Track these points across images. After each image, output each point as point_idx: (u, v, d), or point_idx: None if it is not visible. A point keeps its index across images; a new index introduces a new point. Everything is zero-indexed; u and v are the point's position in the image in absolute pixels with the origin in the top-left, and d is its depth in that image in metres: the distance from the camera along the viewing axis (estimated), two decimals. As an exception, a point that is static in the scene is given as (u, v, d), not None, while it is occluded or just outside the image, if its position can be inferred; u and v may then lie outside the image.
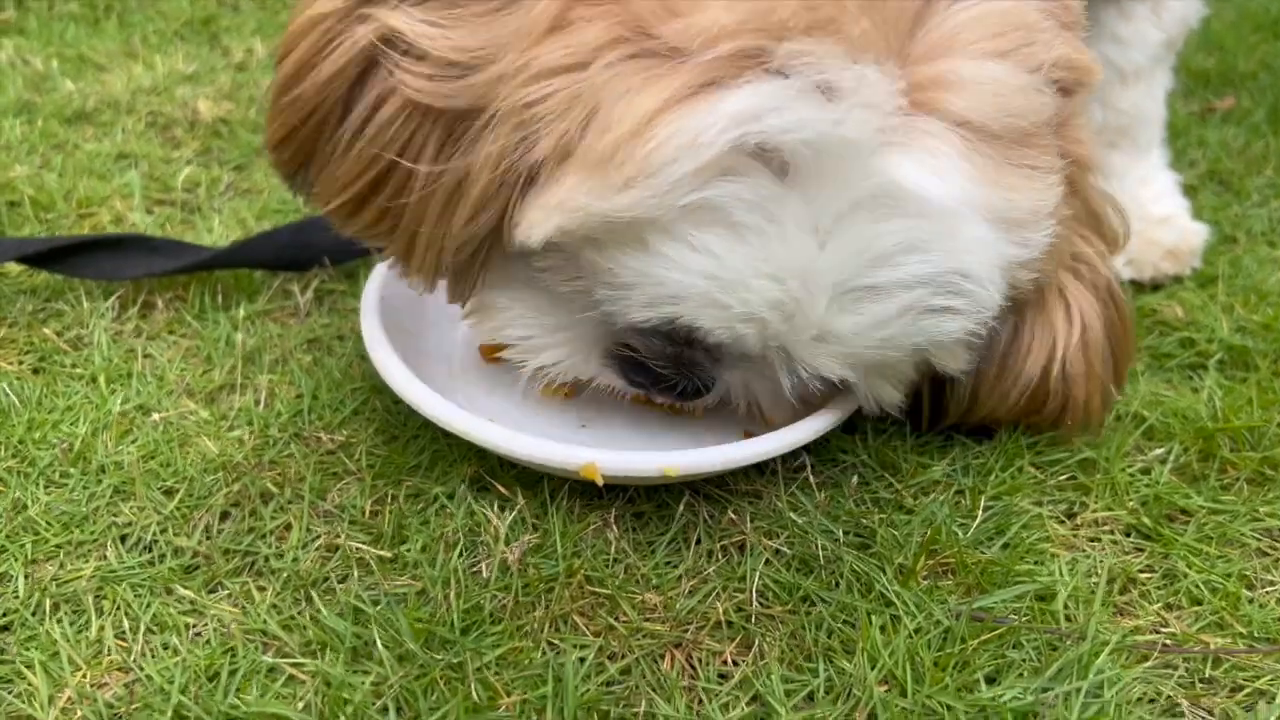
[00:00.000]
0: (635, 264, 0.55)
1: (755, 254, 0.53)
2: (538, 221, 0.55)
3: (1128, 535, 0.68)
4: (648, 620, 0.60)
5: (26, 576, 0.60)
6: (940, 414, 0.72)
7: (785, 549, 0.64)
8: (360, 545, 0.63)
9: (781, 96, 0.49)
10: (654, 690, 0.56)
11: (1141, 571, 0.65)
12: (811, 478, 0.69)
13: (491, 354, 0.76)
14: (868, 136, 0.51)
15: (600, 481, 0.61)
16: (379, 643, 0.56)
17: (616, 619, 0.60)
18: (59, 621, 0.58)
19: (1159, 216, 0.95)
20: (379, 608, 0.58)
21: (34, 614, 0.58)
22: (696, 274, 0.53)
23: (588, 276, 0.59)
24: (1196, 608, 0.63)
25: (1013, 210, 0.55)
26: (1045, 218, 0.57)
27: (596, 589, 0.61)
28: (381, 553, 0.63)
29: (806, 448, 0.68)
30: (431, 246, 0.60)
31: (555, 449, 0.61)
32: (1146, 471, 0.72)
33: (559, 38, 0.52)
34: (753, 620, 0.60)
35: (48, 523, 0.64)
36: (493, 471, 0.68)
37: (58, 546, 0.63)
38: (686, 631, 0.59)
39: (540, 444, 0.61)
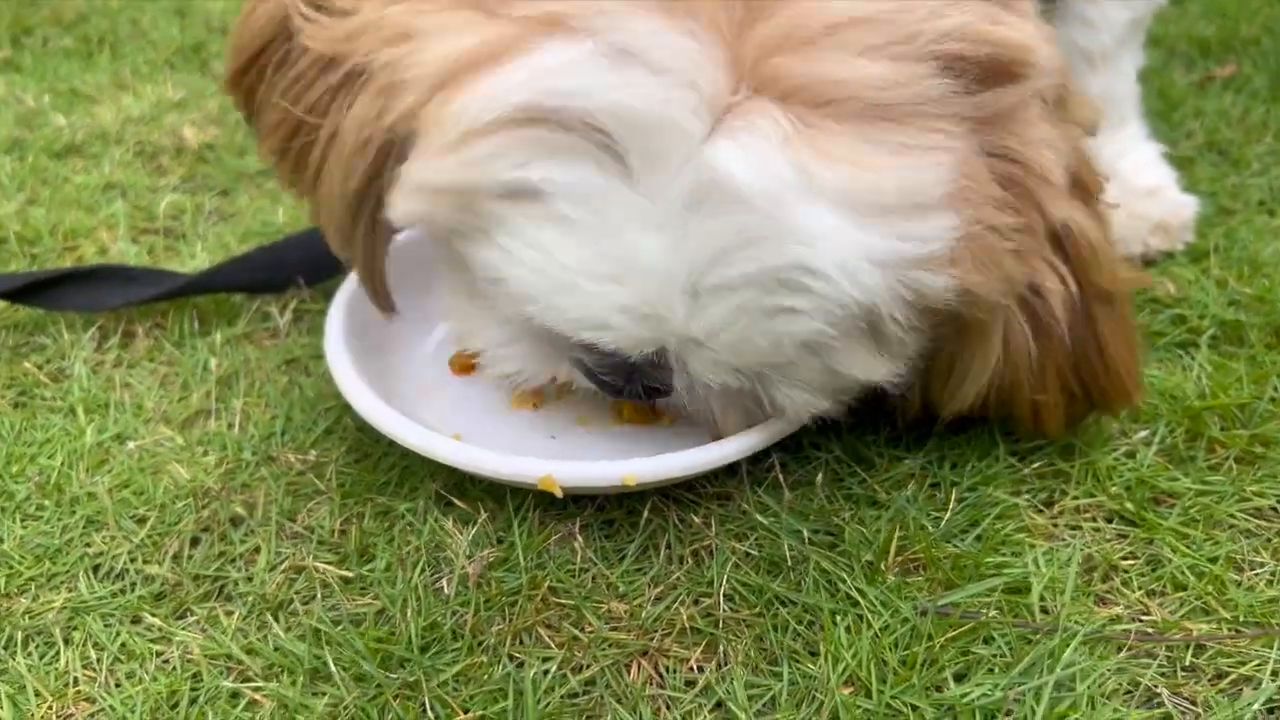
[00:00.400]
0: (485, 257, 0.53)
1: (588, 251, 0.49)
2: (396, 202, 0.53)
3: (1110, 522, 0.66)
4: (613, 629, 0.59)
5: (-1, 610, 0.61)
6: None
7: (753, 551, 0.63)
8: (325, 565, 0.63)
9: (578, 61, 0.46)
10: (618, 701, 0.56)
11: (1123, 559, 0.63)
12: (781, 476, 0.68)
13: (461, 368, 0.76)
14: (688, 119, 0.46)
15: (559, 493, 0.60)
16: (335, 664, 0.56)
17: (581, 629, 0.59)
18: (29, 655, 0.59)
19: (1144, 188, 0.92)
20: (338, 628, 0.58)
21: (4, 648, 0.59)
22: (535, 271, 0.50)
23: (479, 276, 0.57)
24: (1180, 594, 0.61)
25: (873, 194, 0.47)
26: (933, 204, 0.49)
27: (561, 600, 0.61)
28: (345, 573, 0.62)
29: (776, 445, 0.67)
30: (325, 208, 0.60)
31: (511, 462, 0.61)
32: (1131, 455, 0.71)
33: None
34: (719, 625, 0.59)
35: (21, 556, 0.64)
36: (459, 486, 0.68)
37: (30, 579, 0.63)
38: (652, 639, 0.59)
39: (495, 457, 0.61)
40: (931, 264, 0.50)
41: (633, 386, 0.60)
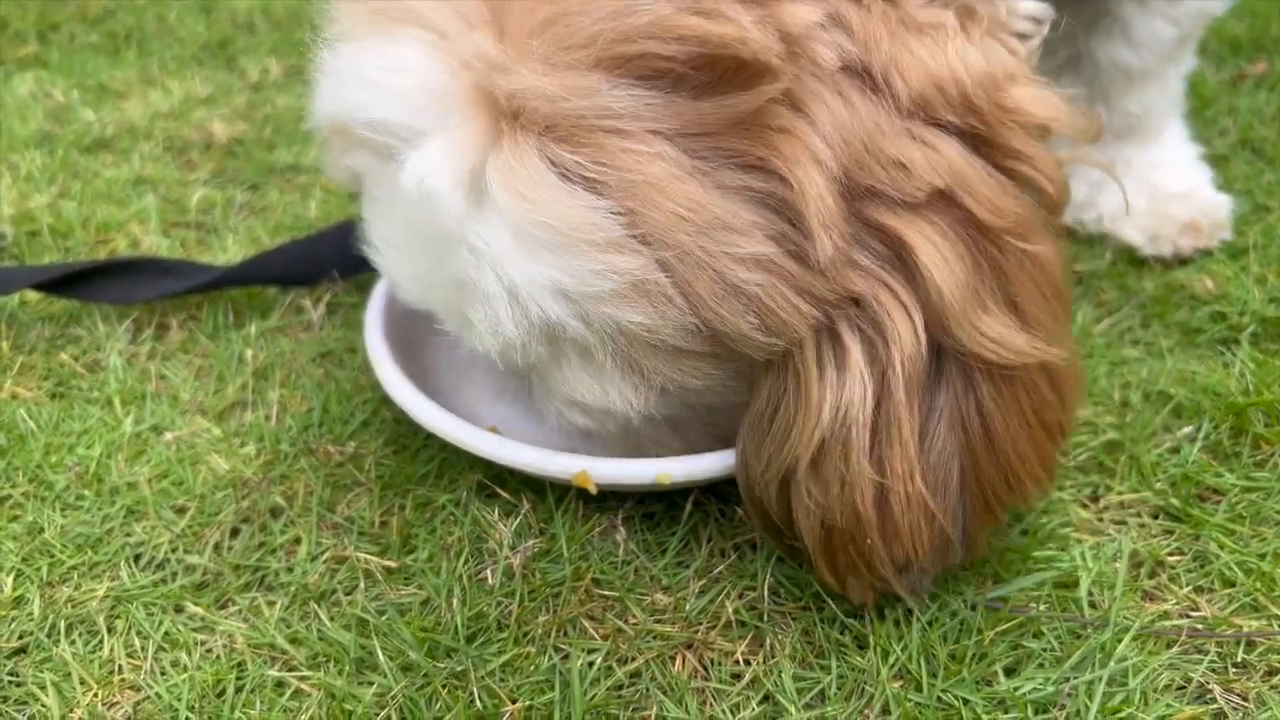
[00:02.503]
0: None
1: (381, 224, 0.55)
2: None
3: (1155, 517, 0.66)
4: (657, 622, 0.59)
5: (42, 598, 0.61)
6: None
7: (796, 544, 0.63)
8: (368, 556, 0.63)
9: (344, 80, 0.50)
10: (664, 693, 0.55)
11: (1170, 554, 0.63)
12: (823, 471, 0.67)
13: None
14: (411, 124, 0.47)
15: (594, 489, 0.60)
16: (382, 653, 0.56)
17: (625, 621, 0.59)
18: (72, 642, 0.59)
19: (1175, 192, 0.91)
20: (384, 618, 0.58)
21: (49, 635, 0.59)
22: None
23: None
24: (1229, 590, 0.60)
25: (540, 227, 0.45)
26: (609, 240, 0.45)
27: (604, 591, 0.61)
28: (388, 563, 0.62)
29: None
30: None
31: (548, 457, 0.60)
32: (1175, 451, 0.70)
33: None
34: (764, 618, 0.59)
35: (63, 545, 0.64)
36: (500, 478, 0.67)
37: (72, 568, 0.63)
38: (697, 632, 0.58)
39: (533, 452, 0.61)
40: (616, 301, 0.47)
41: None
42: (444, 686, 0.54)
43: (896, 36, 0.48)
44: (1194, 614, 0.59)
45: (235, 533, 0.66)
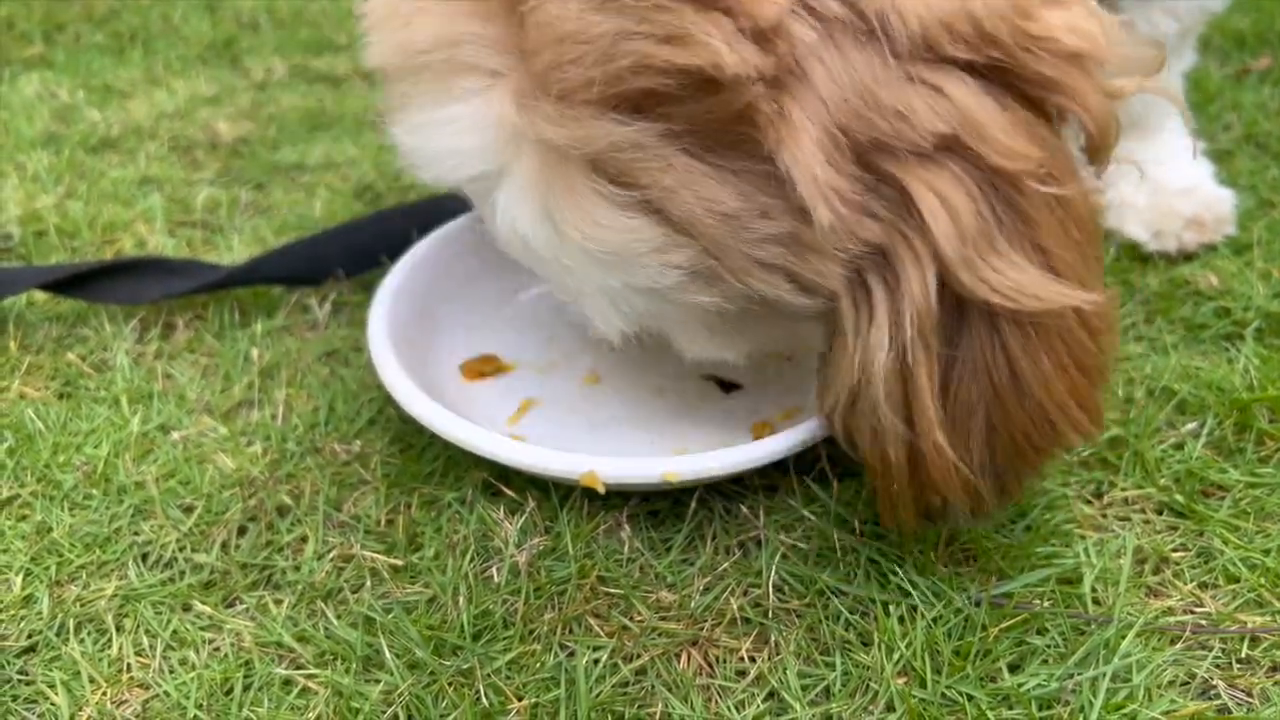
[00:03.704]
0: None
1: None
2: None
3: (1160, 514, 0.66)
4: (663, 619, 0.59)
5: (51, 597, 0.61)
6: None
7: (801, 543, 0.63)
8: (374, 554, 0.63)
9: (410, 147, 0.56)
10: (669, 690, 0.55)
11: (1174, 550, 0.63)
12: (828, 468, 0.67)
13: (474, 373, 0.76)
14: (479, 169, 0.53)
15: (602, 489, 0.60)
16: (389, 651, 0.56)
17: (631, 619, 0.59)
18: (81, 641, 0.59)
19: (1179, 188, 0.91)
20: (390, 616, 0.58)
21: (58, 634, 0.59)
22: None
23: None
24: (1233, 586, 0.61)
25: (604, 248, 0.51)
26: (656, 246, 0.50)
27: (610, 589, 0.61)
28: (394, 561, 0.63)
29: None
30: None
31: (555, 458, 0.60)
32: (1179, 447, 0.70)
33: None
34: (769, 615, 0.59)
35: (71, 544, 0.65)
36: (505, 476, 0.67)
37: (81, 567, 0.64)
38: (702, 629, 0.59)
39: (538, 453, 0.61)
40: (684, 288, 0.52)
41: None
42: (450, 684, 0.55)
43: None
44: (1198, 610, 0.59)
45: (242, 531, 0.66)
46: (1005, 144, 0.47)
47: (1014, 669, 0.55)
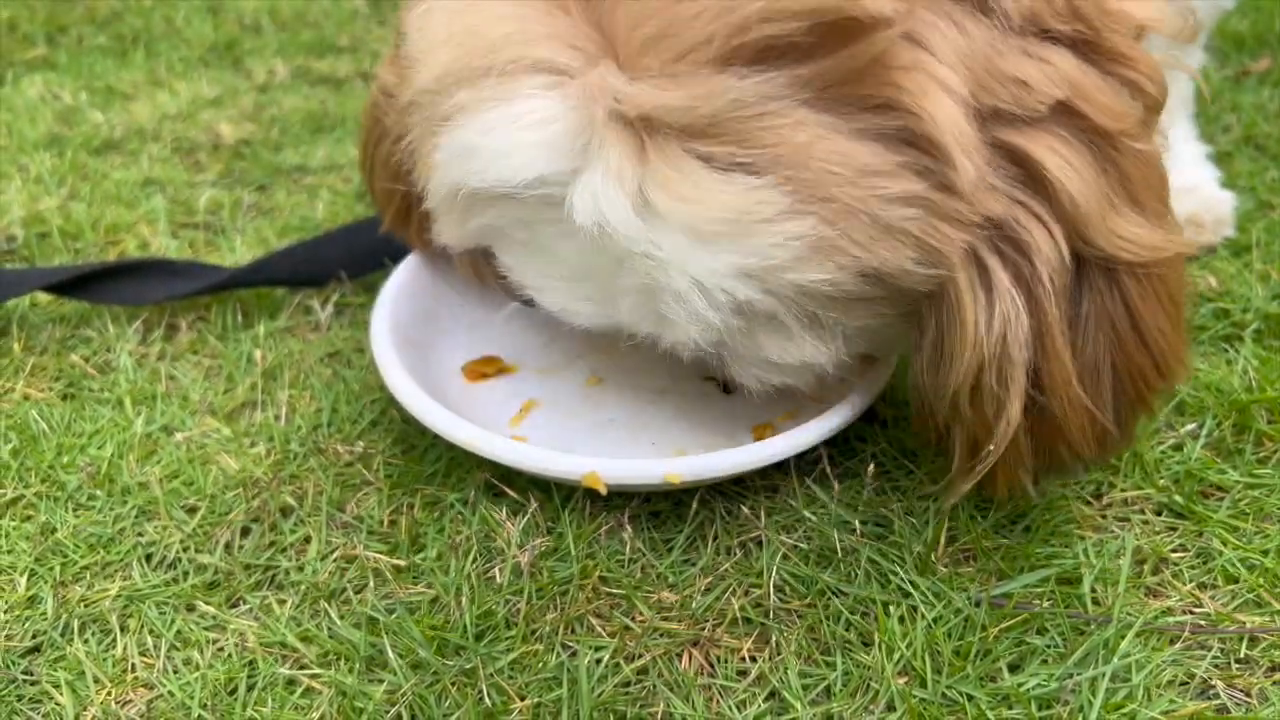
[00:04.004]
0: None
1: (543, 263, 0.59)
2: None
3: (1159, 514, 0.66)
4: (664, 619, 0.59)
5: (55, 598, 0.62)
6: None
7: (802, 543, 0.63)
8: (377, 555, 0.63)
9: (470, 148, 0.53)
10: (671, 690, 0.56)
11: (1173, 551, 0.63)
12: (829, 469, 0.68)
13: (476, 374, 0.76)
14: (553, 168, 0.50)
15: (604, 490, 0.61)
16: (392, 651, 0.57)
17: (632, 619, 0.59)
18: (86, 641, 0.59)
19: (1179, 186, 0.91)
20: (393, 616, 0.59)
21: (62, 634, 0.60)
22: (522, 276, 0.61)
23: None
24: (1232, 586, 0.61)
25: (707, 221, 0.48)
26: (772, 215, 0.48)
27: (611, 589, 0.61)
28: (397, 561, 0.63)
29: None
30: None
31: (557, 459, 0.61)
32: (1178, 448, 0.70)
33: None
34: (770, 615, 0.59)
35: (75, 545, 0.65)
36: (507, 477, 0.68)
37: (85, 568, 0.64)
38: (704, 629, 0.59)
39: (541, 454, 0.61)
40: (797, 265, 0.49)
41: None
42: (453, 684, 0.55)
43: None
44: (1197, 610, 0.60)
45: (246, 532, 0.66)
46: (1109, 106, 0.50)
47: (1014, 669, 0.56)
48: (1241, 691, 0.55)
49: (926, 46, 0.47)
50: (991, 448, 0.56)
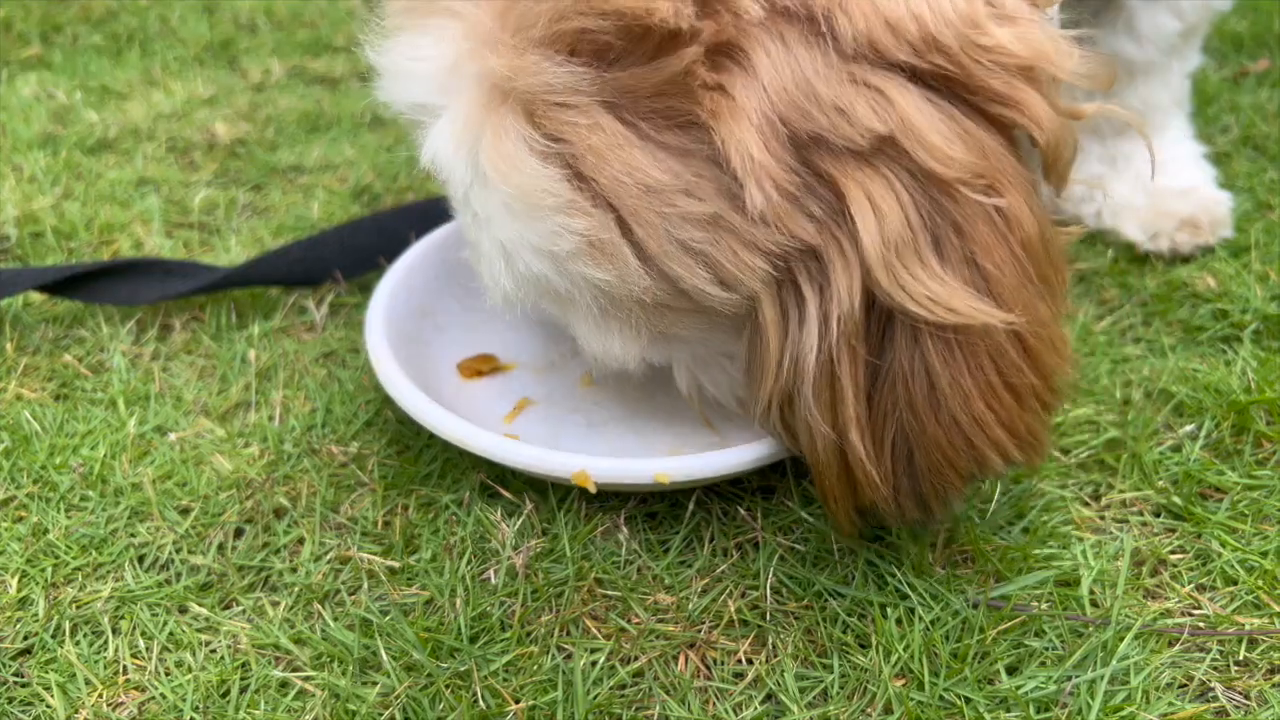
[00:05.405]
0: None
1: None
2: None
3: (1157, 516, 0.66)
4: (660, 621, 0.59)
5: (47, 599, 0.61)
6: None
7: (799, 545, 0.63)
8: (371, 556, 0.63)
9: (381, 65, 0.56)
10: (667, 692, 0.55)
11: (1172, 553, 0.63)
12: (825, 470, 0.67)
13: (470, 373, 0.76)
14: (429, 99, 0.53)
15: (593, 489, 0.60)
16: (386, 653, 0.56)
17: (628, 621, 0.59)
18: (77, 643, 0.59)
19: (1175, 189, 0.91)
20: (387, 618, 0.58)
21: (54, 636, 0.59)
22: None
23: None
24: (1231, 588, 0.61)
25: (516, 194, 0.50)
26: (563, 204, 0.49)
27: (607, 591, 0.61)
28: (391, 563, 0.62)
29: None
30: None
31: (546, 456, 0.60)
32: (1177, 449, 0.70)
33: None
34: (767, 617, 0.59)
35: (67, 546, 0.65)
36: (502, 478, 0.67)
37: (77, 569, 0.63)
38: (700, 631, 0.58)
39: (531, 452, 0.61)
40: (579, 258, 0.50)
41: None
42: (447, 686, 0.55)
43: None
44: (1196, 612, 0.59)
45: (239, 533, 0.66)
46: (941, 150, 0.47)
47: (1012, 671, 0.55)
48: (1240, 694, 0.55)
49: (742, 66, 0.47)
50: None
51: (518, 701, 0.54)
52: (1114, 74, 0.54)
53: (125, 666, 0.57)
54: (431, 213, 0.85)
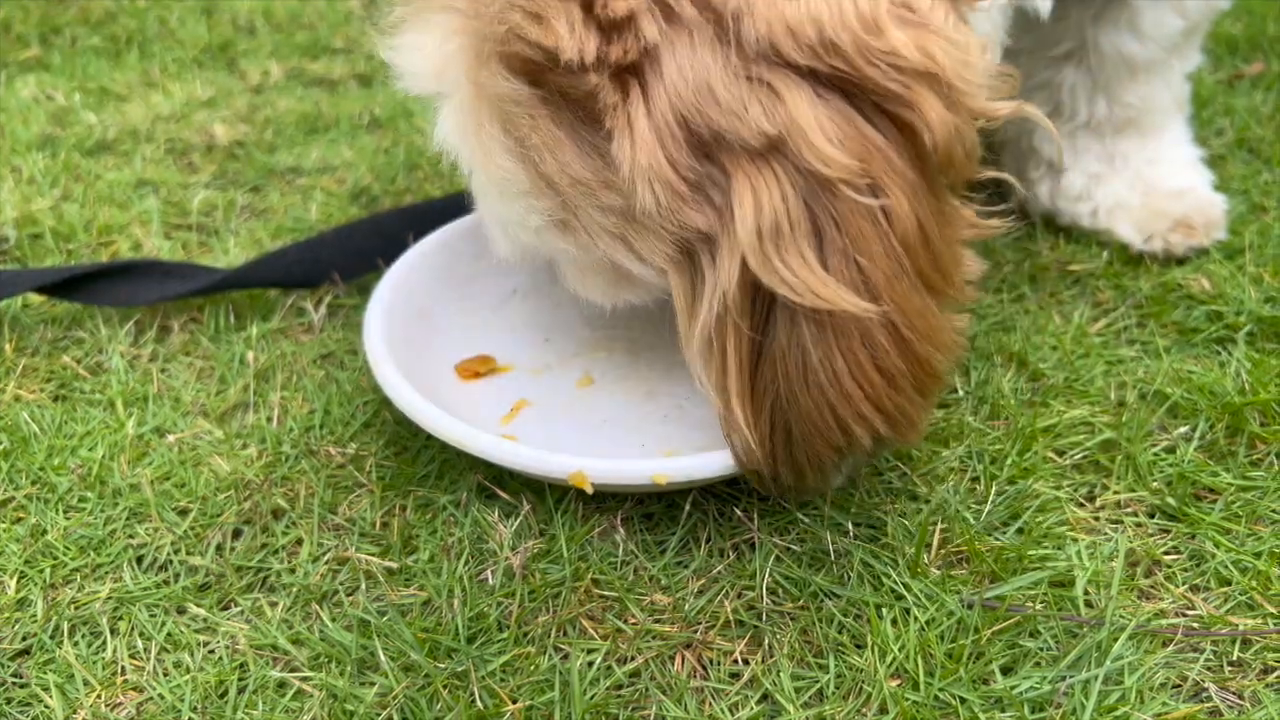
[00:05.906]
0: None
1: None
2: None
3: (1151, 516, 0.66)
4: (657, 621, 0.59)
5: (45, 600, 0.61)
6: None
7: (795, 545, 0.63)
8: (369, 557, 0.63)
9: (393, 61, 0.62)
10: (663, 692, 0.56)
11: (1166, 553, 0.63)
12: (821, 471, 0.68)
13: (469, 373, 0.76)
14: (434, 91, 0.60)
15: (590, 489, 0.61)
16: (384, 654, 0.56)
17: (625, 621, 0.59)
18: (75, 644, 0.59)
19: (1170, 189, 0.92)
20: (385, 619, 0.59)
21: (52, 637, 0.59)
22: None
23: None
24: (1225, 589, 0.61)
25: (499, 182, 0.58)
26: (527, 190, 0.57)
27: (604, 592, 0.61)
28: (389, 564, 0.63)
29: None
30: None
31: (543, 457, 0.61)
32: (1171, 450, 0.70)
33: None
34: (763, 618, 0.59)
35: (66, 547, 0.65)
36: (500, 479, 0.68)
37: (75, 570, 0.64)
38: (696, 631, 0.59)
39: (528, 453, 0.61)
40: (549, 232, 0.59)
41: None
42: (445, 687, 0.55)
43: None
44: (1190, 613, 0.59)
45: (237, 534, 0.66)
46: (824, 150, 0.50)
47: (1006, 672, 0.56)
48: (1234, 694, 0.55)
49: (643, 83, 0.51)
50: None
51: (515, 701, 0.54)
52: (1015, 87, 0.57)
53: (123, 667, 0.58)
54: (429, 214, 0.85)
